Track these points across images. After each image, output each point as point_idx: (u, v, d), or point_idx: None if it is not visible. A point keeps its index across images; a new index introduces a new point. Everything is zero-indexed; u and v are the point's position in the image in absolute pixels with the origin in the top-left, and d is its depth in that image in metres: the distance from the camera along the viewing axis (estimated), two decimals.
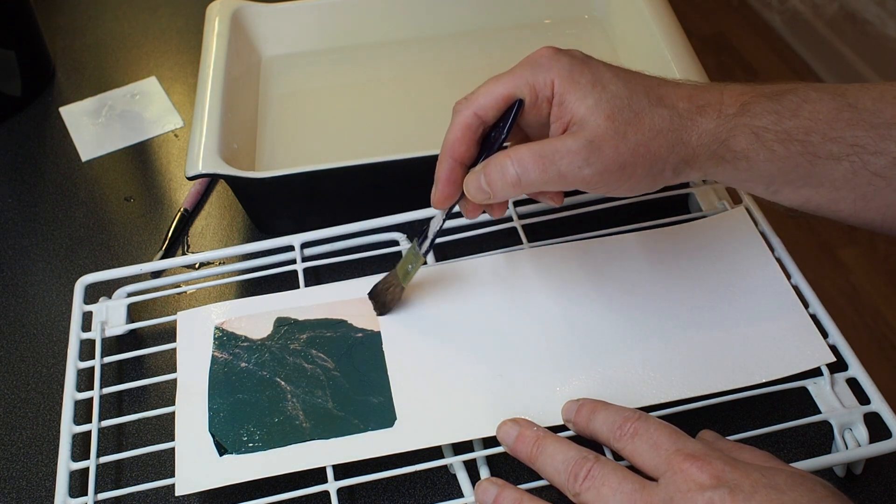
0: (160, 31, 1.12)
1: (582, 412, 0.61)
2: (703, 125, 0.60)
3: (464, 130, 0.64)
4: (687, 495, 0.52)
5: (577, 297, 0.71)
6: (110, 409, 0.72)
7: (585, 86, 0.61)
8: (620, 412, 0.59)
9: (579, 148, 0.59)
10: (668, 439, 0.55)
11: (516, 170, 0.61)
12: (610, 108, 0.60)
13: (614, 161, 0.59)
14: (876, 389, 0.65)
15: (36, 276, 0.85)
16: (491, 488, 0.59)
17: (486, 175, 0.62)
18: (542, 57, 0.63)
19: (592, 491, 0.55)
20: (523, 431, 0.61)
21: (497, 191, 0.62)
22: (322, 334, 0.70)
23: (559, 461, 0.57)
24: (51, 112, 1.02)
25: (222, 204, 0.90)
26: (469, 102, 0.64)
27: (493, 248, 0.76)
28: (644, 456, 0.55)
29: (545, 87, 0.62)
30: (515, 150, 0.61)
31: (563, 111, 0.61)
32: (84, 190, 0.93)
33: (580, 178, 0.60)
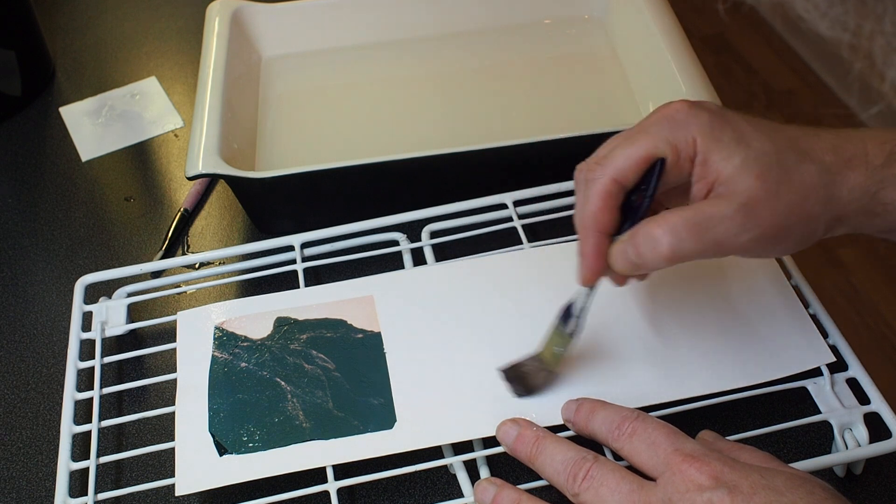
0: (160, 31, 1.12)
1: (581, 412, 0.61)
2: (853, 179, 0.57)
3: (605, 199, 0.59)
4: (685, 496, 0.52)
5: None
6: (110, 409, 0.72)
7: (729, 143, 0.57)
8: (619, 412, 0.59)
9: (734, 213, 0.56)
10: (666, 439, 0.55)
11: (669, 241, 0.56)
12: (759, 166, 0.56)
13: (771, 224, 0.56)
14: (876, 389, 0.65)
15: (36, 276, 0.85)
16: (490, 488, 0.59)
17: (635, 247, 0.58)
18: (678, 112, 0.59)
19: (591, 491, 0.55)
20: (523, 431, 0.61)
21: (648, 263, 0.58)
22: (322, 334, 0.70)
23: (558, 461, 0.57)
24: (51, 112, 1.02)
25: (222, 204, 0.90)
26: (604, 168, 0.59)
27: (493, 247, 0.76)
28: (642, 456, 0.55)
29: (687, 146, 0.58)
30: (665, 219, 0.57)
31: (708, 171, 0.57)
32: (84, 190, 0.93)
33: (737, 246, 0.57)
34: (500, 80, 0.98)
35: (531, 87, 0.97)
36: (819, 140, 0.59)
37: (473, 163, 0.81)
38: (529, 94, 0.96)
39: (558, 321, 0.63)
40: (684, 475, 0.52)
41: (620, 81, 0.95)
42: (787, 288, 0.71)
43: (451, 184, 0.83)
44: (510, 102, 0.95)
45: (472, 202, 0.79)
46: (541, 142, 0.80)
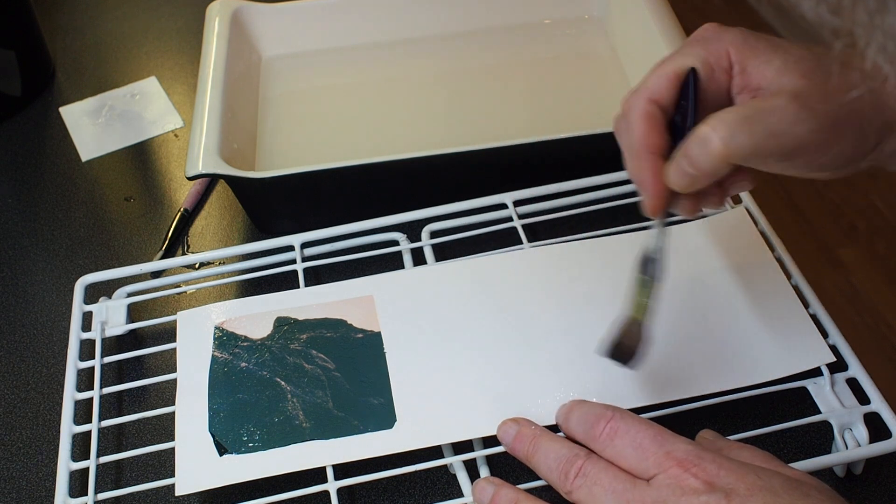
0: (160, 31, 1.12)
1: (561, 413, 0.61)
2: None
3: (647, 121, 0.57)
4: (681, 500, 0.51)
5: (578, 297, 0.71)
6: (110, 409, 0.72)
7: (766, 49, 0.55)
8: (592, 410, 0.58)
9: (787, 103, 0.52)
10: (653, 442, 0.54)
11: (720, 136, 0.53)
12: (803, 67, 0.53)
13: (826, 116, 0.52)
14: (876, 389, 0.65)
15: (36, 276, 0.85)
16: (488, 487, 0.59)
17: (687, 154, 0.54)
18: (706, 31, 0.58)
19: (584, 489, 0.54)
20: (521, 430, 0.61)
21: (702, 167, 0.54)
22: (322, 334, 0.70)
23: (552, 459, 0.57)
24: (51, 112, 1.02)
25: (222, 204, 0.90)
26: (639, 92, 0.58)
27: (493, 247, 0.76)
28: (630, 460, 0.54)
29: (721, 58, 0.56)
30: (714, 117, 0.54)
31: (748, 79, 0.56)
32: (84, 190, 0.93)
33: (794, 137, 0.52)
34: (500, 80, 0.98)
35: (531, 87, 0.97)
36: (854, 52, 0.53)
37: (473, 163, 0.81)
38: (529, 94, 0.96)
39: (638, 271, 0.60)
40: (679, 479, 0.52)
41: (620, 81, 0.95)
42: (787, 288, 0.71)
43: (451, 184, 0.83)
44: (510, 102, 0.95)
45: (472, 202, 0.79)
46: (541, 142, 0.80)
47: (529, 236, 0.77)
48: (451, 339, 0.69)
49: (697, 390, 0.65)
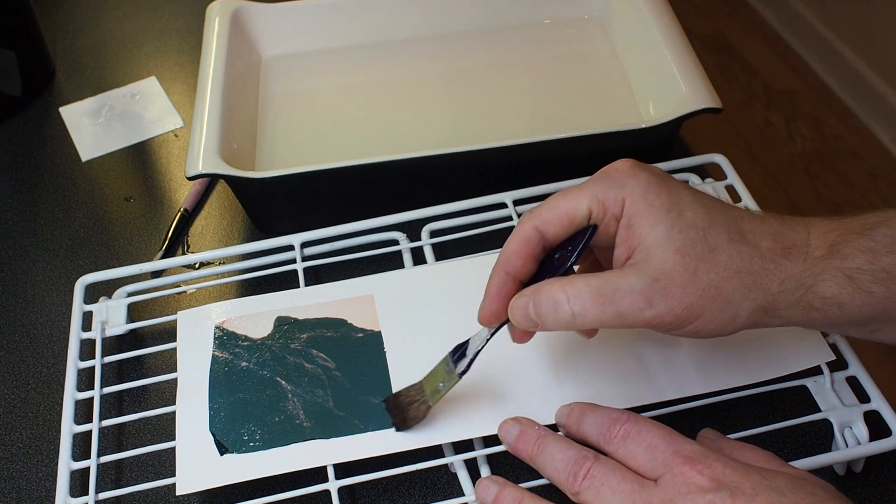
0: (160, 31, 1.12)
1: (571, 416, 0.61)
2: (788, 269, 0.55)
3: (522, 243, 0.59)
4: (687, 498, 0.51)
5: None
6: (111, 408, 0.72)
7: (659, 210, 0.56)
8: (608, 414, 0.58)
9: (643, 287, 0.54)
10: (662, 441, 0.54)
11: (572, 308, 0.55)
12: (682, 240, 0.55)
13: (680, 303, 0.54)
14: (876, 387, 0.65)
15: (36, 275, 0.85)
16: (491, 486, 0.59)
17: (536, 304, 0.57)
18: (616, 171, 0.58)
19: (592, 490, 0.54)
20: (525, 430, 0.60)
21: (546, 323, 0.57)
22: (322, 334, 0.70)
23: (559, 460, 0.57)
24: (51, 112, 1.02)
25: (222, 204, 0.90)
26: (532, 215, 0.59)
27: (493, 247, 0.76)
28: (640, 459, 0.55)
29: (615, 205, 0.57)
30: (571, 283, 0.56)
31: (631, 235, 0.56)
32: (84, 190, 0.93)
33: (641, 321, 0.55)
34: (500, 80, 0.98)
35: (531, 87, 0.97)
36: (762, 224, 0.57)
37: (473, 162, 0.81)
38: (529, 94, 0.96)
39: (447, 357, 0.62)
40: (685, 477, 0.52)
41: (620, 81, 0.95)
42: None
43: (451, 183, 0.83)
44: (510, 102, 0.95)
45: (472, 201, 0.79)
46: (541, 142, 0.80)
47: None
48: (452, 338, 0.69)
49: (697, 389, 0.65)
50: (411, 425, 0.64)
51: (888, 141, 2.30)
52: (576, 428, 0.60)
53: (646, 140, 0.82)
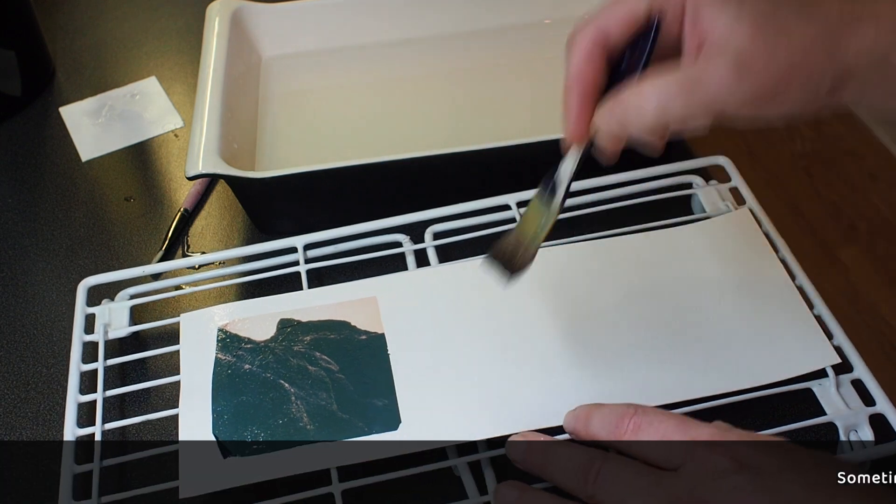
0: (160, 31, 1.12)
1: (579, 420, 0.60)
2: (861, 36, 0.51)
3: (589, 50, 0.56)
4: (712, 483, 0.50)
5: (581, 298, 0.71)
6: (113, 411, 0.72)
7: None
8: (615, 410, 0.57)
9: (726, 69, 0.51)
10: (677, 429, 0.54)
11: (657, 97, 0.52)
12: (753, 20, 0.51)
13: (768, 80, 0.51)
14: (881, 391, 0.65)
15: (36, 276, 0.84)
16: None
17: (621, 102, 0.54)
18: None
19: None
20: (531, 444, 0.59)
21: (633, 125, 0.54)
22: (325, 336, 0.70)
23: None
24: (51, 112, 1.01)
25: (222, 204, 0.90)
26: (590, 22, 0.56)
27: None
28: (655, 451, 0.54)
29: (675, 4, 0.54)
30: (652, 81, 0.53)
31: (698, 28, 0.53)
32: (84, 190, 0.92)
33: (731, 104, 0.52)
34: (501, 80, 0.98)
35: (531, 87, 0.97)
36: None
37: (473, 163, 0.81)
38: (529, 95, 0.96)
39: (539, 193, 0.59)
40: (707, 462, 0.51)
41: None
42: (791, 289, 0.71)
43: (452, 185, 0.83)
44: (510, 102, 0.95)
45: (475, 203, 0.79)
46: (541, 142, 0.80)
47: None
48: (455, 341, 0.69)
49: (702, 392, 0.65)
50: (521, 272, 0.61)
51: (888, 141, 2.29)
52: (585, 430, 0.59)
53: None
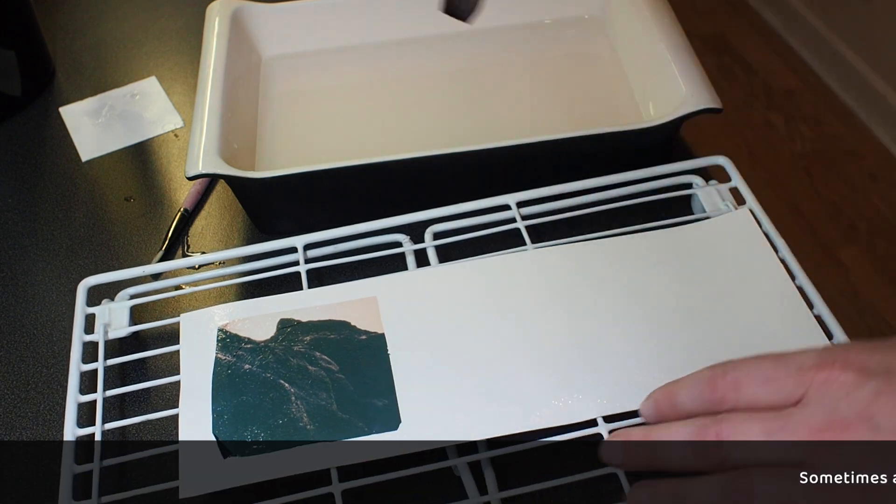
0: (160, 31, 1.12)
1: (660, 403, 0.57)
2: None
3: None
4: (848, 400, 0.48)
5: (581, 299, 0.71)
6: (113, 411, 0.72)
7: None
8: (698, 378, 0.55)
9: None
10: (776, 367, 0.51)
11: None
12: None
13: None
14: None
15: (36, 276, 0.84)
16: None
17: None
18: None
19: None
20: (626, 443, 0.57)
21: None
22: (325, 336, 0.70)
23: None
24: (51, 112, 1.01)
25: (222, 204, 0.90)
26: None
27: (496, 249, 0.76)
28: (766, 396, 0.51)
29: None
30: None
31: None
32: (84, 190, 0.92)
33: None
34: (501, 80, 0.98)
35: (531, 87, 0.97)
36: None
37: (473, 163, 0.81)
38: (529, 94, 0.96)
39: None
40: (831, 383, 0.49)
41: (620, 81, 0.95)
42: (791, 289, 0.71)
43: (453, 184, 0.83)
44: (510, 102, 0.95)
45: (476, 203, 0.79)
46: (541, 142, 0.80)
47: (533, 237, 0.77)
48: (455, 341, 0.69)
49: None
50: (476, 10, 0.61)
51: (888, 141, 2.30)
52: (674, 411, 0.56)
53: (646, 140, 0.82)
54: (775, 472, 0.50)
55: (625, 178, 0.80)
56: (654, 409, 0.58)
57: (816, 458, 0.48)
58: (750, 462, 0.51)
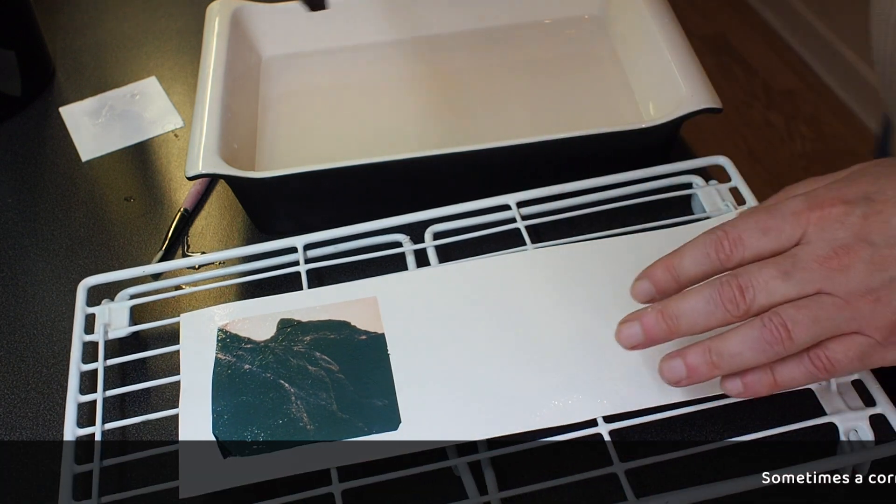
0: (160, 31, 1.12)
1: (660, 278, 0.59)
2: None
3: None
4: (843, 229, 0.54)
5: (582, 298, 0.71)
6: (113, 411, 0.72)
7: None
8: (701, 244, 0.58)
9: None
10: (772, 216, 0.56)
11: None
12: None
13: None
14: (881, 391, 0.65)
15: (36, 276, 0.85)
16: (676, 363, 0.58)
17: None
18: None
19: (761, 294, 0.55)
20: (644, 320, 0.59)
21: None
22: (326, 336, 0.70)
23: (701, 306, 0.56)
24: (51, 112, 1.01)
25: (222, 204, 0.90)
26: None
27: (496, 249, 0.76)
28: (769, 245, 0.56)
29: None
30: None
31: None
32: (84, 190, 0.92)
33: None
34: (501, 80, 0.98)
35: (531, 87, 0.97)
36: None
37: (473, 163, 0.81)
38: (529, 94, 0.96)
39: None
40: (826, 219, 0.55)
41: (620, 81, 0.95)
42: None
43: (453, 184, 0.83)
44: (510, 102, 0.95)
45: (476, 203, 0.79)
46: (541, 142, 0.80)
47: (533, 237, 0.77)
48: (455, 341, 0.69)
49: (702, 392, 0.65)
50: None
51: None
52: (677, 283, 0.59)
53: (646, 140, 0.82)
54: (801, 303, 0.55)
55: (625, 178, 0.80)
56: (653, 287, 0.60)
57: (831, 284, 0.54)
58: (776, 302, 0.55)
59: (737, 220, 0.57)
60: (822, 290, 0.54)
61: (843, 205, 0.54)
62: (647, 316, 0.59)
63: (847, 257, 0.54)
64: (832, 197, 0.55)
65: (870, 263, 0.54)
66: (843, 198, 0.55)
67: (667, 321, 0.58)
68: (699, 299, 0.57)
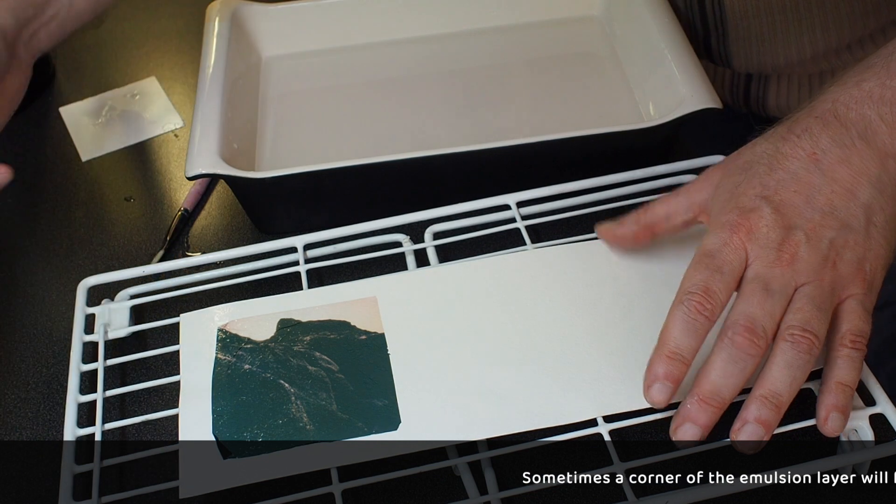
0: (160, 31, 1.12)
1: (660, 370, 0.59)
2: None
3: None
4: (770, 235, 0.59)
5: (582, 298, 0.71)
6: (113, 411, 0.72)
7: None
8: (679, 318, 0.60)
9: None
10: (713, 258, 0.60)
11: None
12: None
13: None
14: (881, 390, 0.65)
15: (36, 276, 0.84)
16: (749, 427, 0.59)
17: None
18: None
19: (764, 324, 0.57)
20: (693, 418, 0.58)
21: None
22: (325, 336, 0.70)
23: (729, 368, 0.58)
24: (51, 112, 1.01)
25: (222, 204, 0.90)
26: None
27: (496, 249, 0.76)
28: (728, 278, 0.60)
29: None
30: None
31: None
32: (84, 190, 0.92)
33: None
34: (501, 80, 0.98)
35: (531, 87, 0.97)
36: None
37: (473, 163, 0.81)
38: (529, 94, 0.96)
39: None
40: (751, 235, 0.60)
41: (620, 81, 0.95)
42: None
43: (453, 184, 0.83)
44: (510, 102, 0.95)
45: (475, 203, 0.79)
46: (541, 142, 0.80)
47: (533, 237, 0.77)
48: (455, 341, 0.69)
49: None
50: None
51: None
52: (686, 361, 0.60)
53: (646, 140, 0.82)
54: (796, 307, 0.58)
55: (625, 178, 0.80)
56: (669, 384, 0.59)
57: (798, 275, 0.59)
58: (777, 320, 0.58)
59: (692, 278, 0.60)
60: (797, 284, 0.59)
61: (752, 214, 0.60)
62: (691, 412, 0.58)
63: (790, 248, 0.59)
64: (739, 213, 0.60)
65: (808, 241, 0.59)
66: (748, 208, 0.60)
67: (711, 403, 0.58)
68: (722, 364, 0.57)
